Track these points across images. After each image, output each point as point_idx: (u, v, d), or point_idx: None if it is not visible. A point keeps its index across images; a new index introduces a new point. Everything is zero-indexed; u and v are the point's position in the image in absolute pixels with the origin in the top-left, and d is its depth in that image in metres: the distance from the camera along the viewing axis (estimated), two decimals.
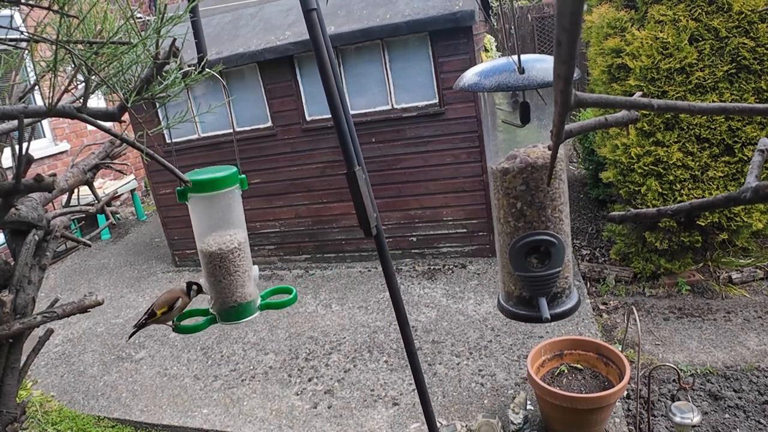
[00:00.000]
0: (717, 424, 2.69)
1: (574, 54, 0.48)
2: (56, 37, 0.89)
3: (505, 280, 1.15)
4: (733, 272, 3.85)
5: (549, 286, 1.07)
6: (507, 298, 1.15)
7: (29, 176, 0.89)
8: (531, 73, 0.92)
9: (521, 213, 1.06)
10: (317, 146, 4.76)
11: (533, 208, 1.05)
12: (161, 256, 5.98)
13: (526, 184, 1.04)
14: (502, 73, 0.94)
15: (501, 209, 1.10)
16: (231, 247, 1.38)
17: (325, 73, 1.27)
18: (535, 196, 1.05)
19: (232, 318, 1.43)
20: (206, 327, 1.41)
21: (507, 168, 1.06)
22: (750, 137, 3.46)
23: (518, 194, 1.05)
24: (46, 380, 3.87)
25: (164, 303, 1.42)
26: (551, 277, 1.07)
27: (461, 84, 1.00)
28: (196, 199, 1.36)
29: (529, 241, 1.06)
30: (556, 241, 1.05)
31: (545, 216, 1.05)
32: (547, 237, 1.05)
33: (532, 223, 1.06)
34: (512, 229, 1.08)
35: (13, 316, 1.25)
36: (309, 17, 1.24)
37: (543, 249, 1.06)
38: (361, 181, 1.32)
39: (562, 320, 3.60)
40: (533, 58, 0.94)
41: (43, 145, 6.75)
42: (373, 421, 2.97)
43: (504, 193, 1.08)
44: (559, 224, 1.07)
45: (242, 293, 1.41)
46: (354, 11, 4.42)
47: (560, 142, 0.70)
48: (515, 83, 0.93)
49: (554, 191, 1.05)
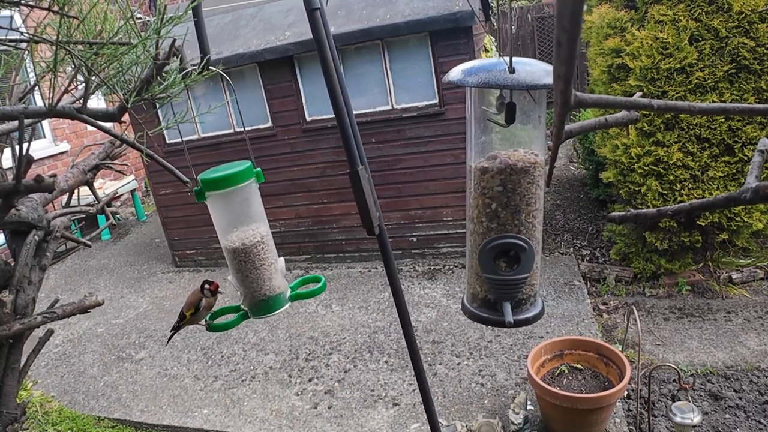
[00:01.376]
0: (717, 424, 2.69)
1: (574, 54, 0.48)
2: (56, 38, 0.89)
3: (471, 281, 1.14)
4: (733, 272, 3.85)
5: (515, 291, 1.07)
6: (471, 300, 1.15)
7: (29, 177, 0.89)
8: (519, 74, 0.92)
9: (495, 214, 1.06)
10: (317, 146, 4.76)
11: (508, 210, 1.05)
12: (161, 256, 5.98)
13: (504, 186, 1.04)
14: (490, 71, 0.94)
15: (476, 209, 1.10)
16: (254, 241, 1.39)
17: (329, 72, 1.26)
18: (511, 198, 1.04)
19: (263, 311, 1.44)
20: (239, 323, 1.43)
21: (486, 167, 1.06)
22: (750, 137, 3.46)
23: (494, 195, 1.05)
24: (47, 381, 3.87)
25: (191, 305, 1.45)
26: (518, 282, 1.06)
27: (448, 78, 1.00)
28: (215, 198, 1.37)
29: (500, 244, 1.05)
30: (527, 247, 1.05)
31: (519, 220, 1.05)
32: (519, 241, 1.05)
33: (505, 226, 1.05)
34: (484, 230, 1.08)
35: (14, 317, 1.25)
36: (312, 16, 1.23)
37: (513, 253, 1.06)
38: (364, 181, 1.31)
39: (564, 320, 3.60)
40: (522, 61, 0.94)
41: (43, 146, 6.75)
42: (373, 421, 2.97)
43: (480, 192, 1.08)
44: (532, 230, 1.06)
45: (270, 286, 1.42)
46: (354, 11, 4.43)
47: (560, 142, 0.70)
48: (501, 82, 0.92)
49: (530, 196, 1.05)
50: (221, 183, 1.34)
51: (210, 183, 1.33)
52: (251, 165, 1.38)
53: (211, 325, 1.46)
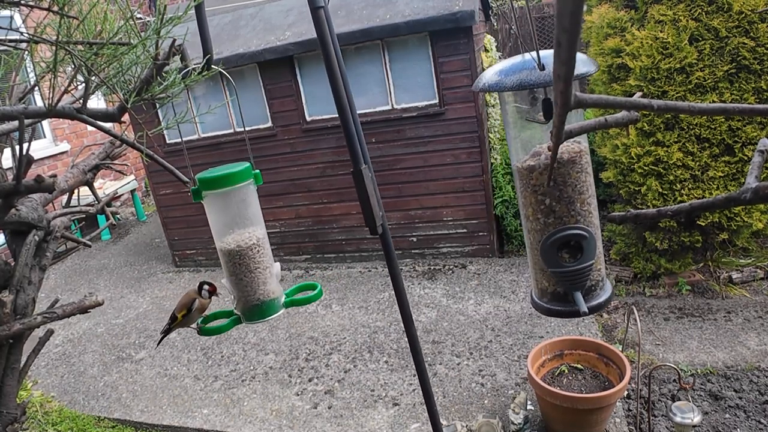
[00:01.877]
0: (717, 424, 2.69)
1: (574, 54, 0.48)
2: (56, 38, 0.89)
3: (537, 277, 1.14)
4: (733, 272, 3.85)
5: (583, 279, 1.07)
6: (541, 295, 1.14)
7: (29, 177, 0.90)
8: (550, 69, 0.91)
9: (550, 209, 1.06)
10: (317, 146, 4.76)
11: (562, 203, 1.05)
12: (161, 256, 5.98)
13: (554, 180, 1.04)
14: (522, 71, 0.94)
15: (529, 207, 1.09)
16: (250, 244, 1.37)
17: (333, 71, 1.26)
18: (563, 191, 1.04)
19: (256, 317, 1.41)
20: (231, 328, 1.40)
21: (532, 165, 1.05)
22: (750, 137, 3.46)
23: (546, 190, 1.05)
24: (47, 381, 3.87)
25: (183, 306, 1.42)
26: (585, 270, 1.06)
27: (481, 84, 0.99)
28: (211, 198, 1.36)
29: (561, 237, 1.05)
30: (588, 235, 1.05)
31: (574, 210, 1.05)
32: (579, 231, 1.05)
33: (562, 218, 1.05)
34: (542, 226, 1.08)
35: (14, 317, 1.25)
36: (316, 15, 1.23)
37: (573, 243, 1.06)
38: (367, 180, 1.31)
39: (564, 320, 3.60)
40: (549, 54, 0.93)
41: (44, 146, 6.76)
42: (373, 421, 2.97)
43: (531, 190, 1.07)
44: (589, 217, 1.06)
45: (264, 290, 1.40)
46: (354, 11, 4.43)
47: (560, 142, 0.70)
48: (536, 80, 0.92)
49: (581, 184, 1.05)
50: (218, 183, 1.33)
51: (207, 182, 1.33)
52: (250, 166, 1.38)
53: (203, 328, 1.44)
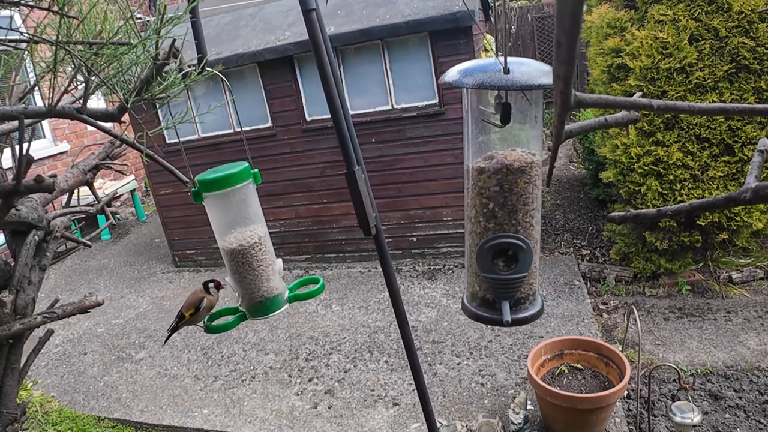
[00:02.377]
0: (717, 423, 2.69)
1: (573, 54, 0.48)
2: (56, 38, 0.89)
3: (470, 280, 1.15)
4: (733, 272, 3.85)
5: (514, 290, 1.07)
6: (471, 299, 1.15)
7: (29, 177, 0.90)
8: (514, 74, 0.91)
9: (492, 214, 1.06)
10: (317, 146, 4.76)
11: (505, 210, 1.05)
12: (161, 256, 5.98)
13: (500, 186, 1.04)
14: (486, 72, 0.94)
15: (473, 208, 1.10)
16: (252, 242, 1.39)
17: (325, 73, 1.27)
18: (508, 198, 1.04)
19: (261, 313, 1.43)
20: (236, 324, 1.42)
21: (483, 167, 1.06)
22: (750, 137, 3.46)
23: (491, 195, 1.05)
24: (47, 381, 3.87)
25: (191, 305, 1.43)
26: (517, 281, 1.07)
27: (445, 79, 1.00)
28: (212, 198, 1.37)
29: (498, 243, 1.06)
30: (525, 246, 1.05)
31: (516, 219, 1.05)
32: (516, 240, 1.05)
33: (503, 225, 1.05)
34: (482, 230, 1.08)
35: (14, 317, 1.25)
36: (308, 18, 1.24)
37: (511, 252, 1.06)
38: (360, 181, 1.32)
39: (564, 320, 3.60)
40: (518, 61, 0.94)
41: (43, 146, 6.75)
42: (373, 421, 2.97)
43: (477, 192, 1.08)
44: (530, 229, 1.07)
45: (268, 287, 1.42)
46: (354, 11, 4.42)
47: (560, 142, 0.70)
48: (497, 83, 0.92)
49: (527, 196, 1.05)
50: (218, 184, 1.34)
51: (207, 184, 1.33)
52: (249, 166, 1.38)
53: (210, 326, 1.46)
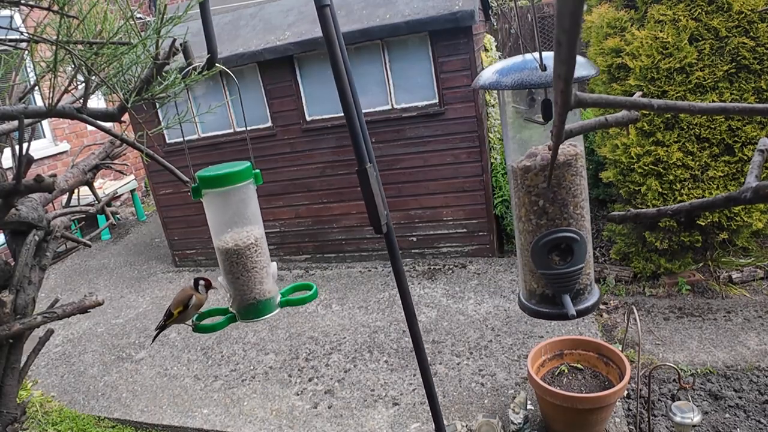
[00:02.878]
0: (717, 423, 2.69)
1: (574, 54, 0.48)
2: (56, 38, 0.89)
3: (526, 278, 1.14)
4: (733, 272, 3.85)
5: (572, 282, 1.07)
6: (529, 297, 1.14)
7: (29, 177, 0.89)
8: (551, 70, 0.91)
9: (543, 210, 1.06)
10: (317, 146, 4.76)
11: (555, 205, 1.05)
12: (161, 256, 5.98)
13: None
14: (522, 70, 0.93)
15: (522, 207, 1.09)
16: (248, 243, 1.38)
17: (338, 69, 1.25)
18: (557, 193, 1.04)
19: (252, 316, 1.41)
20: (226, 326, 1.40)
21: (528, 166, 1.05)
22: (750, 137, 3.46)
23: (540, 192, 1.05)
24: (47, 380, 3.87)
25: (179, 302, 1.41)
26: (574, 273, 1.06)
27: (480, 83, 0.99)
28: (211, 196, 1.36)
29: (552, 239, 1.05)
30: (579, 238, 1.05)
31: (567, 213, 1.05)
32: (570, 234, 1.05)
33: (555, 221, 1.05)
34: (534, 227, 1.08)
35: (14, 317, 1.25)
36: (322, 13, 1.23)
37: (564, 246, 1.06)
38: (372, 179, 1.30)
39: (563, 320, 3.60)
40: (550, 55, 0.93)
41: (43, 146, 6.75)
42: (373, 421, 2.97)
43: (525, 191, 1.07)
44: (581, 221, 1.06)
45: (261, 290, 1.40)
46: (354, 11, 4.43)
47: (560, 142, 0.70)
48: (536, 81, 0.91)
49: (575, 188, 1.05)
50: (219, 181, 1.33)
51: (207, 181, 1.33)
52: (250, 165, 1.38)
53: (198, 326, 1.44)
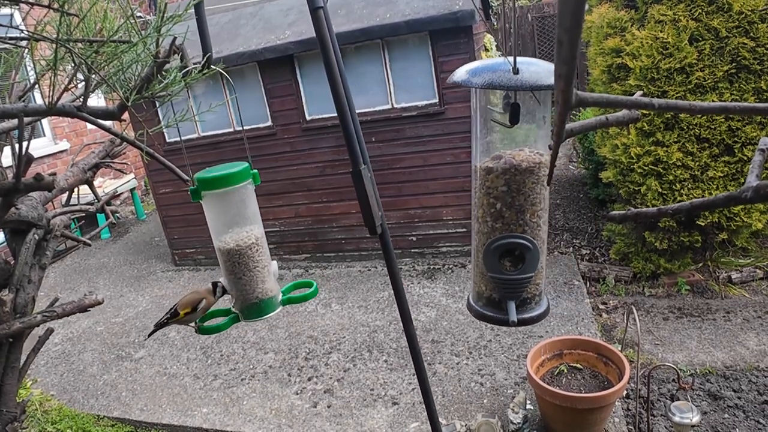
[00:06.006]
0: (716, 423, 2.69)
1: (575, 54, 0.48)
2: (56, 36, 0.89)
3: (476, 280, 1.15)
4: (732, 272, 3.85)
5: (520, 290, 1.08)
6: (477, 298, 1.15)
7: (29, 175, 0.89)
8: (523, 75, 0.91)
9: (500, 214, 1.06)
10: (317, 146, 4.76)
11: (512, 210, 1.05)
12: (161, 255, 5.98)
13: (508, 186, 1.04)
14: (495, 71, 0.94)
15: (480, 208, 1.10)
16: (249, 243, 1.38)
17: (332, 71, 1.26)
18: (516, 198, 1.04)
19: (254, 315, 1.42)
20: (229, 326, 1.40)
21: (491, 167, 1.05)
22: (750, 137, 3.46)
23: (499, 195, 1.05)
24: (46, 379, 3.87)
25: (188, 304, 1.39)
26: (523, 281, 1.07)
27: (453, 79, 1.00)
28: (210, 197, 1.36)
29: (505, 243, 1.05)
30: (532, 246, 1.05)
31: (523, 220, 1.05)
32: (523, 241, 1.05)
33: (510, 226, 1.06)
34: (489, 230, 1.08)
35: (13, 316, 1.25)
36: (315, 15, 1.23)
37: (518, 252, 1.06)
38: (366, 180, 1.31)
39: (563, 320, 3.60)
40: (526, 61, 0.94)
41: (43, 144, 6.75)
42: (372, 420, 2.97)
43: (485, 192, 1.08)
44: (537, 230, 1.07)
45: (263, 289, 1.41)
46: (354, 11, 4.42)
47: (561, 141, 0.70)
48: (506, 83, 0.92)
49: (535, 196, 1.05)
50: (217, 183, 1.33)
51: (206, 182, 1.33)
52: (248, 166, 1.38)
53: (202, 327, 1.44)
